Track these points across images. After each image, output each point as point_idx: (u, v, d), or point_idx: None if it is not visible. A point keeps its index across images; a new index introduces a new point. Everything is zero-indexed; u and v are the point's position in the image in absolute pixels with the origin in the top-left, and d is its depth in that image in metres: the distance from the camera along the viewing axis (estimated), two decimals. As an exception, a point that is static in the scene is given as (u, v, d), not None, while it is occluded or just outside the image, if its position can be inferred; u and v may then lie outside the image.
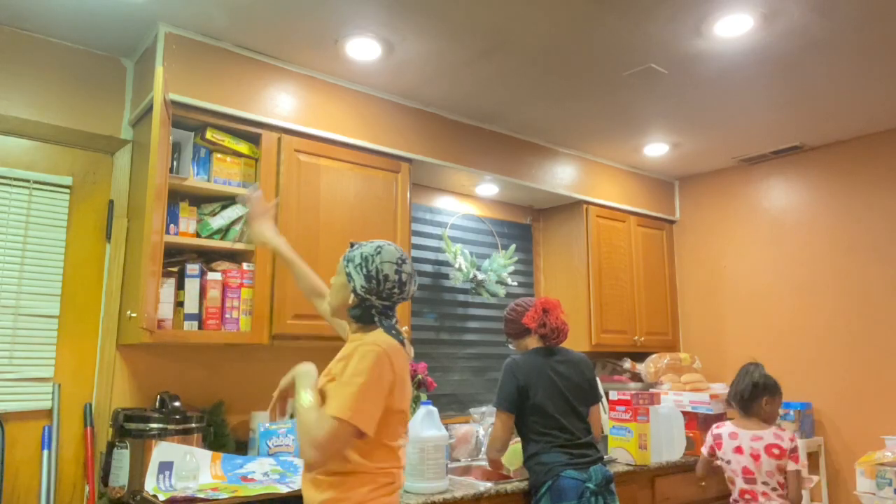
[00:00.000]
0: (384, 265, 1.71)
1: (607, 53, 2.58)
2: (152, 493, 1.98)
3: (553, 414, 2.45)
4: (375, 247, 1.74)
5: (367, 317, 1.72)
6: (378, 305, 1.72)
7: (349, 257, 1.75)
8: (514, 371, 2.50)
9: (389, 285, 1.71)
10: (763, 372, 2.74)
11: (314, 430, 1.53)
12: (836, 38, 2.47)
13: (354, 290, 1.71)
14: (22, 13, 2.28)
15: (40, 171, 2.45)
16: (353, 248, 1.77)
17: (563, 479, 2.35)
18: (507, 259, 3.68)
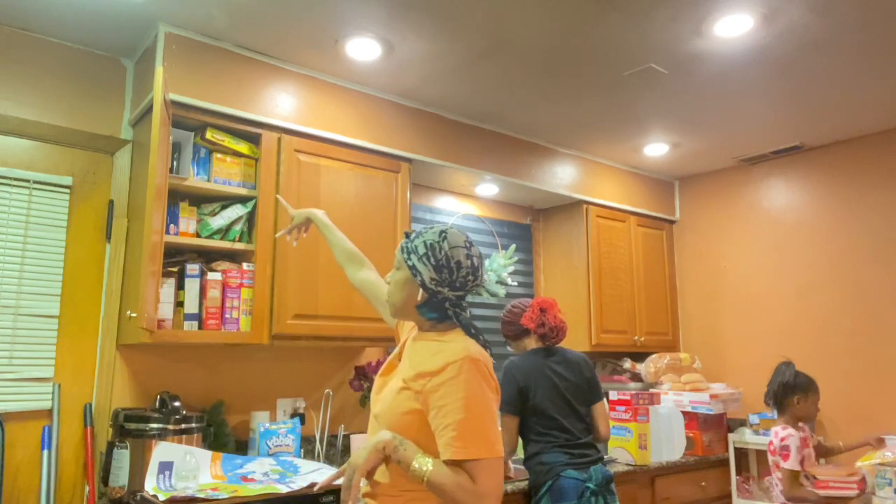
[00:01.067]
0: (454, 251, 1.51)
1: (607, 53, 2.58)
2: (152, 493, 1.98)
3: (553, 414, 2.45)
4: (439, 232, 1.54)
5: (442, 312, 1.53)
6: (452, 297, 1.52)
7: (410, 248, 1.53)
8: (513, 372, 2.50)
9: (464, 273, 1.50)
10: (793, 371, 2.81)
11: (473, 489, 1.33)
12: (836, 38, 2.47)
13: (423, 283, 1.50)
14: (22, 13, 2.28)
15: (40, 171, 2.45)
16: (411, 237, 1.56)
17: (563, 479, 2.36)
18: (507, 259, 3.67)
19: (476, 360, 1.41)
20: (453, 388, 1.38)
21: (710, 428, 3.49)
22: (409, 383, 1.45)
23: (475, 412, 1.36)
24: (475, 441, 1.35)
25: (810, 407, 2.76)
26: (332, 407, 2.90)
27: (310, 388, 2.89)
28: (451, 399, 1.37)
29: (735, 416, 3.66)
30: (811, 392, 2.76)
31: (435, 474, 1.34)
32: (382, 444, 1.39)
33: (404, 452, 1.38)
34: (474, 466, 1.34)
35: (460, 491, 1.33)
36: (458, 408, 1.36)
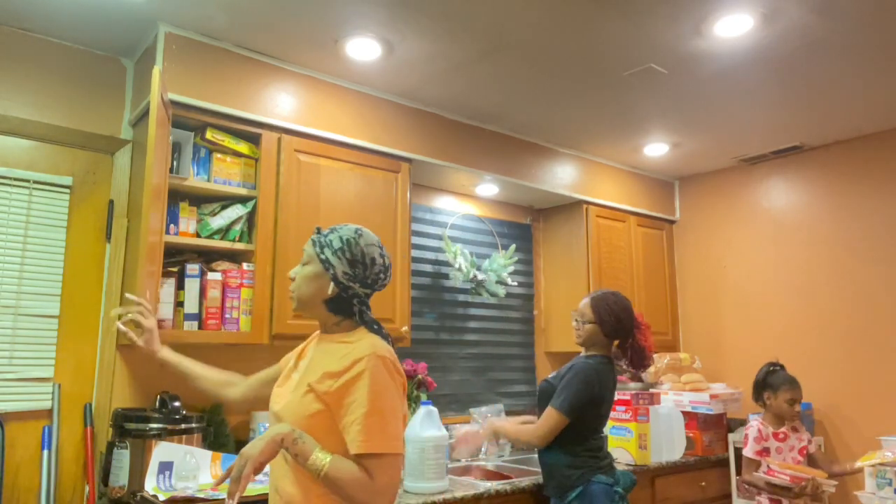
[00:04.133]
0: (369, 248, 1.56)
1: (607, 53, 2.58)
2: (152, 493, 1.98)
3: (601, 427, 2.49)
4: (354, 229, 1.59)
5: (348, 307, 1.57)
6: (361, 294, 1.57)
7: (324, 242, 1.56)
8: (593, 379, 2.42)
9: (376, 270, 1.57)
10: (766, 370, 3.01)
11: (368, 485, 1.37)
12: (836, 38, 2.47)
13: (335, 277, 1.53)
14: (22, 13, 2.28)
15: (40, 171, 2.45)
16: (325, 232, 1.59)
17: (594, 483, 2.34)
18: (507, 259, 3.68)
19: (383, 356, 1.46)
20: (360, 385, 1.42)
21: (710, 428, 3.49)
22: (315, 385, 1.46)
23: (378, 407, 1.41)
24: (376, 436, 1.39)
25: (780, 404, 2.92)
26: (332, 407, 2.89)
27: (310, 388, 2.89)
28: (358, 395, 1.42)
29: (735, 416, 3.66)
30: (780, 390, 2.91)
31: (332, 468, 1.36)
32: (280, 437, 1.38)
33: (303, 446, 1.38)
34: (373, 462, 1.38)
35: (356, 486, 1.36)
36: (362, 403, 1.41)
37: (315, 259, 1.56)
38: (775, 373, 2.98)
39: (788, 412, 2.92)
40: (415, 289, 3.32)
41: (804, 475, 2.69)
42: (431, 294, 3.47)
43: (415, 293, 3.31)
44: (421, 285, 3.42)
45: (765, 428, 2.94)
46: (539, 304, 3.96)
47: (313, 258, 1.57)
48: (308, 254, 1.59)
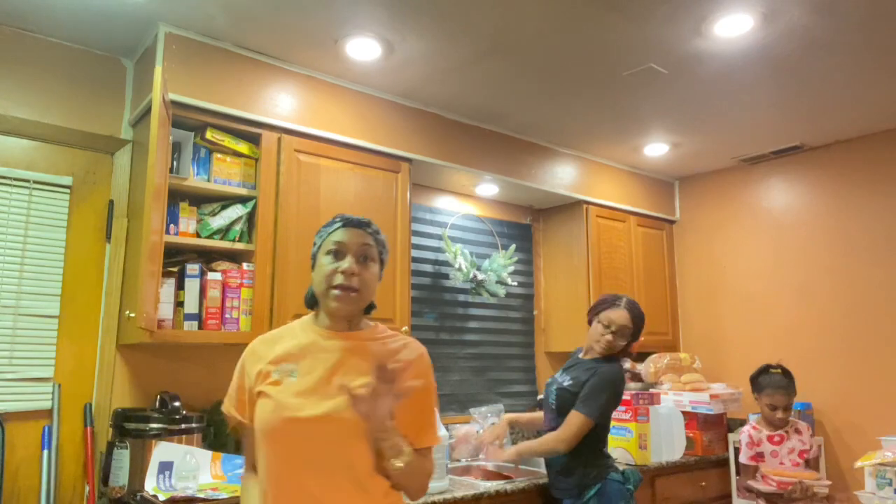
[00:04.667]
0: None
1: (607, 53, 2.58)
2: (152, 493, 1.98)
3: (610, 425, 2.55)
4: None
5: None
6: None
7: (383, 243, 1.54)
8: (619, 385, 2.50)
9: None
10: (758, 370, 3.00)
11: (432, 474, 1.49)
12: (836, 38, 2.47)
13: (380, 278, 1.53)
14: (22, 13, 2.28)
15: (40, 171, 2.45)
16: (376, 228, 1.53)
17: (609, 482, 2.39)
18: (507, 259, 3.68)
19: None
20: (428, 379, 1.49)
21: (710, 428, 3.49)
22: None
23: (436, 401, 1.51)
24: (436, 429, 1.52)
25: (763, 407, 2.95)
26: (332, 407, 2.89)
27: (310, 388, 2.88)
28: (431, 389, 1.50)
29: (735, 416, 3.66)
30: (763, 393, 2.93)
31: (416, 458, 1.41)
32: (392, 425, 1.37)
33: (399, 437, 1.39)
34: (430, 452, 1.49)
35: (428, 476, 1.46)
36: (431, 396, 1.50)
37: (377, 259, 1.51)
38: (765, 375, 2.96)
39: (769, 417, 2.92)
40: (415, 289, 3.32)
41: (791, 479, 2.69)
42: (431, 294, 3.47)
43: (415, 293, 3.31)
44: (421, 285, 3.42)
45: (757, 433, 2.93)
46: (539, 304, 3.96)
47: (376, 258, 1.50)
48: (370, 254, 1.49)
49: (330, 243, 1.47)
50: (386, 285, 2.81)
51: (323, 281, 1.44)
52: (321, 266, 1.47)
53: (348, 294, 1.43)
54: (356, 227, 1.49)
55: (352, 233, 1.47)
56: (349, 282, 1.43)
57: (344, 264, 1.43)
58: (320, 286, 1.46)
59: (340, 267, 1.43)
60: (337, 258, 1.45)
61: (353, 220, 1.50)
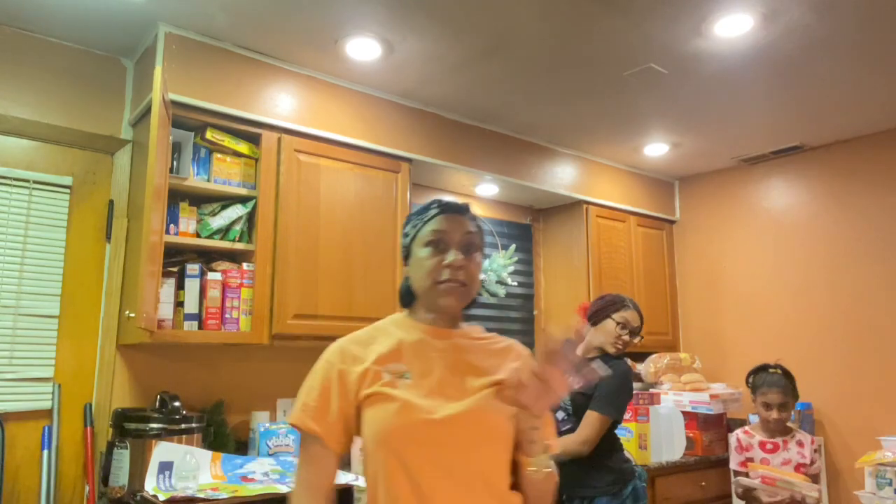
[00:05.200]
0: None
1: (607, 53, 2.58)
2: (152, 493, 1.98)
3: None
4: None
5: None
6: None
7: (482, 226, 1.40)
8: (631, 381, 2.52)
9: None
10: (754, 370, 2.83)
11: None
12: (836, 38, 2.47)
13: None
14: (22, 13, 2.28)
15: (40, 171, 2.45)
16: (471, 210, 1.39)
17: (636, 480, 2.43)
18: (507, 259, 3.68)
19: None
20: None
21: (710, 428, 3.49)
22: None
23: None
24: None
25: (758, 408, 2.74)
26: (332, 407, 2.89)
27: (310, 388, 2.89)
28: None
29: (735, 416, 3.66)
30: (758, 392, 2.74)
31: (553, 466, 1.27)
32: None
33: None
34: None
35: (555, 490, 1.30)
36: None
37: (480, 248, 1.36)
38: (761, 373, 2.77)
39: (764, 418, 2.71)
40: (415, 289, 3.32)
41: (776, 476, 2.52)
42: (431, 294, 3.46)
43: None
44: (421, 285, 3.41)
45: (747, 437, 2.74)
46: (539, 304, 3.96)
47: (479, 247, 1.36)
48: (474, 242, 1.34)
49: (428, 233, 1.31)
50: (386, 285, 2.81)
51: (427, 276, 1.29)
52: (421, 260, 1.31)
53: (458, 289, 1.29)
54: (457, 214, 1.34)
55: (452, 221, 1.32)
56: (457, 276, 1.28)
57: (449, 257, 1.28)
58: (424, 281, 1.30)
59: (446, 260, 1.28)
60: (438, 250, 1.30)
61: (452, 206, 1.35)
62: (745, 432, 2.78)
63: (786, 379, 2.72)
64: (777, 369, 2.76)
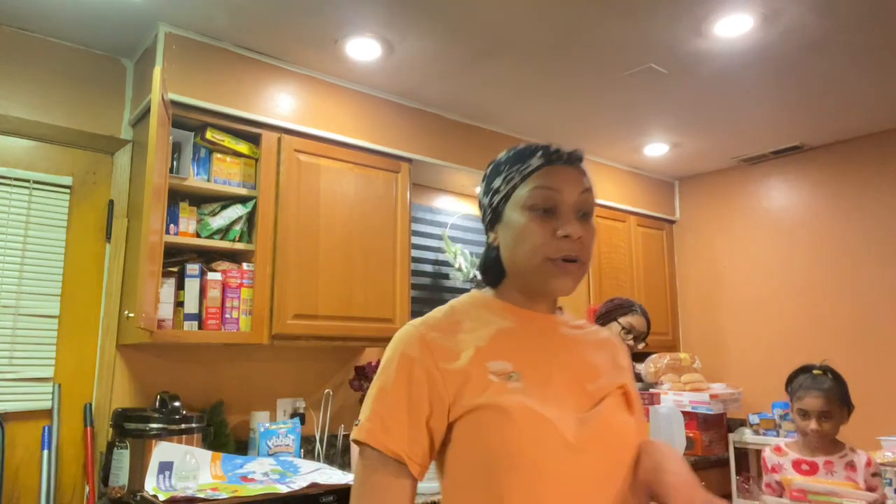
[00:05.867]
0: None
1: (607, 53, 2.58)
2: (152, 493, 1.98)
3: None
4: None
5: None
6: None
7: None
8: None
9: None
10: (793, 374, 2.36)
11: None
12: (836, 38, 2.47)
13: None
14: (22, 13, 2.28)
15: (40, 171, 2.45)
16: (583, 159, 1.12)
17: None
18: (507, 259, 3.67)
19: None
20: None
21: (710, 428, 3.49)
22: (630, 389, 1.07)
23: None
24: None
25: (795, 418, 2.22)
26: (332, 407, 2.90)
27: (310, 388, 2.89)
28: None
29: (735, 416, 3.66)
30: (794, 399, 2.24)
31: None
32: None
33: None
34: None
35: None
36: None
37: (593, 208, 1.06)
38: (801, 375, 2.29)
39: (801, 430, 2.18)
40: (415, 289, 3.32)
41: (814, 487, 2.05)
42: (431, 294, 3.47)
43: (415, 293, 3.31)
44: (421, 285, 3.42)
45: (776, 456, 2.23)
46: (539, 304, 3.96)
47: (592, 207, 1.06)
48: (590, 204, 1.05)
49: (533, 192, 1.00)
50: (386, 285, 2.81)
51: (535, 251, 0.98)
52: (522, 228, 1.00)
53: (577, 268, 1.00)
54: (569, 166, 1.05)
55: (566, 176, 1.02)
56: (575, 252, 0.98)
57: (566, 227, 0.98)
58: (529, 257, 0.99)
59: (561, 230, 0.98)
60: (549, 215, 0.99)
61: (563, 155, 1.05)
62: (775, 449, 2.26)
63: (831, 381, 2.19)
64: (821, 370, 2.28)
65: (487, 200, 1.08)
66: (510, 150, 1.08)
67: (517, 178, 1.03)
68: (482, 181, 1.11)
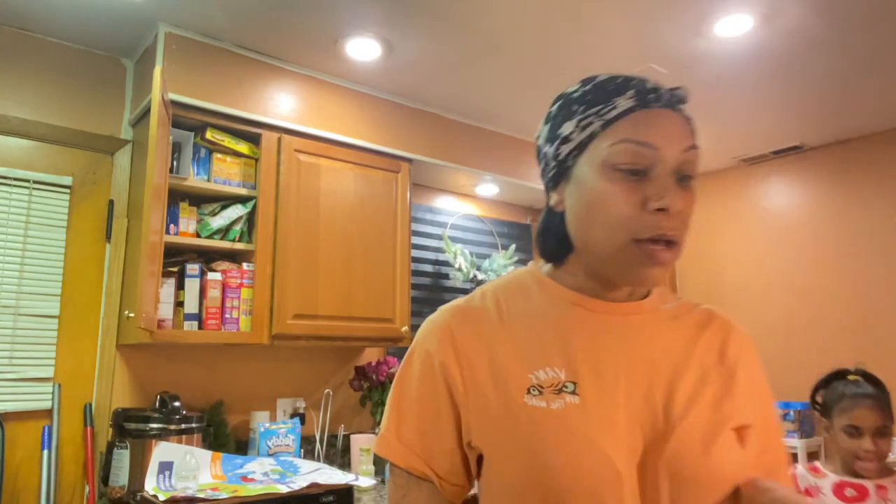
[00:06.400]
0: None
1: (607, 53, 2.58)
2: (152, 493, 1.98)
3: None
4: None
5: None
6: None
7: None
8: None
9: None
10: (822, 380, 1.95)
11: None
12: (835, 37, 2.47)
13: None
14: (22, 13, 2.28)
15: (40, 171, 2.45)
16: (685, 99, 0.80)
17: None
18: (507, 259, 3.67)
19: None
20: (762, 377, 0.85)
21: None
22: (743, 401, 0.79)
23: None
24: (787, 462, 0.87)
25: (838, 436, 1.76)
26: (332, 407, 2.90)
27: (310, 388, 2.89)
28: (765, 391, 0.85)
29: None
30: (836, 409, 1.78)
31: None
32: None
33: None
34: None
35: None
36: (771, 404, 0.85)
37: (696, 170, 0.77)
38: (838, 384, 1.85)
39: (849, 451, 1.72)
40: (415, 289, 3.32)
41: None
42: (431, 294, 3.47)
43: (415, 293, 3.31)
44: (421, 285, 3.42)
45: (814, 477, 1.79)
46: (539, 304, 3.96)
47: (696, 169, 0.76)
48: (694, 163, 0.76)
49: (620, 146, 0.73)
50: (386, 285, 2.81)
51: (616, 227, 0.73)
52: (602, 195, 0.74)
53: (670, 255, 0.74)
54: (670, 110, 0.75)
55: (666, 124, 0.74)
56: (672, 229, 0.72)
57: (664, 197, 0.71)
58: (608, 235, 0.74)
59: (656, 201, 0.72)
60: (637, 179, 0.73)
61: (664, 95, 0.75)
62: (811, 469, 1.84)
63: (877, 389, 1.79)
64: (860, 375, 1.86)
65: (552, 150, 0.81)
66: (587, 82, 0.78)
67: (597, 125, 0.75)
68: (543, 122, 0.85)
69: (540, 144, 0.86)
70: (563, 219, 0.81)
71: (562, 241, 0.82)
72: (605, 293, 0.81)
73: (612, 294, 0.81)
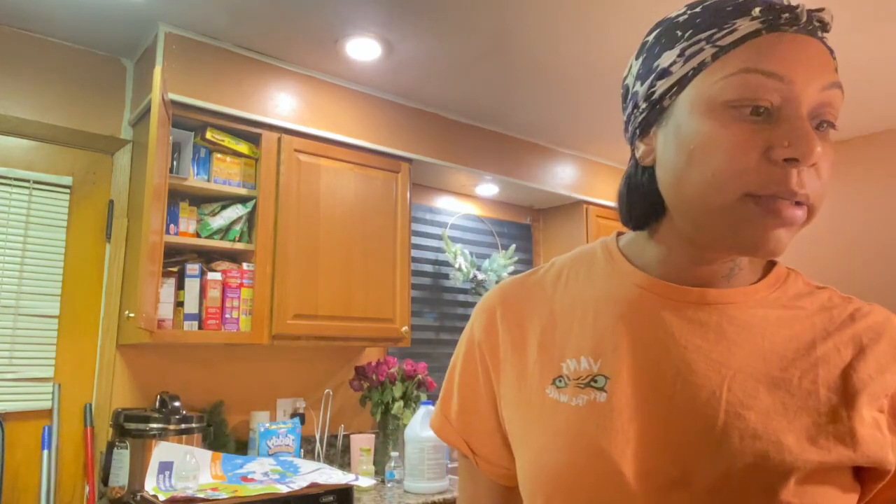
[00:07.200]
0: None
1: (607, 53, 2.58)
2: (152, 493, 1.98)
3: None
4: None
5: None
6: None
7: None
8: None
9: None
10: None
11: None
12: (834, 38, 2.47)
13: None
14: (22, 13, 2.28)
15: (40, 171, 2.45)
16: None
17: None
18: (507, 259, 3.68)
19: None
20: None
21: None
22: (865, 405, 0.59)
23: None
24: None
25: None
26: (332, 407, 2.90)
27: (310, 388, 2.89)
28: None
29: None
30: None
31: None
32: None
33: None
34: None
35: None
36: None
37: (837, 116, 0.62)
38: None
39: None
40: (415, 289, 3.32)
41: None
42: (431, 294, 3.47)
43: (415, 293, 3.31)
44: (421, 285, 3.42)
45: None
46: (539, 304, 3.96)
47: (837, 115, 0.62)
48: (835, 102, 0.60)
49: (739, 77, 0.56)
50: (386, 285, 2.81)
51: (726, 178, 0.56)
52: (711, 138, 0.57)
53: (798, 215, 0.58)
54: (807, 35, 0.59)
55: (801, 51, 0.57)
56: (803, 187, 0.57)
57: (797, 143, 0.56)
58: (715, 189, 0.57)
59: (785, 149, 0.56)
60: (761, 120, 0.57)
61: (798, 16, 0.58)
62: None
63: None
64: None
65: (643, 89, 0.63)
66: (695, 3, 0.62)
67: (707, 53, 0.58)
68: (635, 55, 0.68)
69: (628, 83, 0.67)
70: (652, 175, 0.64)
71: (650, 202, 0.65)
72: (695, 270, 0.63)
73: (705, 271, 0.63)
